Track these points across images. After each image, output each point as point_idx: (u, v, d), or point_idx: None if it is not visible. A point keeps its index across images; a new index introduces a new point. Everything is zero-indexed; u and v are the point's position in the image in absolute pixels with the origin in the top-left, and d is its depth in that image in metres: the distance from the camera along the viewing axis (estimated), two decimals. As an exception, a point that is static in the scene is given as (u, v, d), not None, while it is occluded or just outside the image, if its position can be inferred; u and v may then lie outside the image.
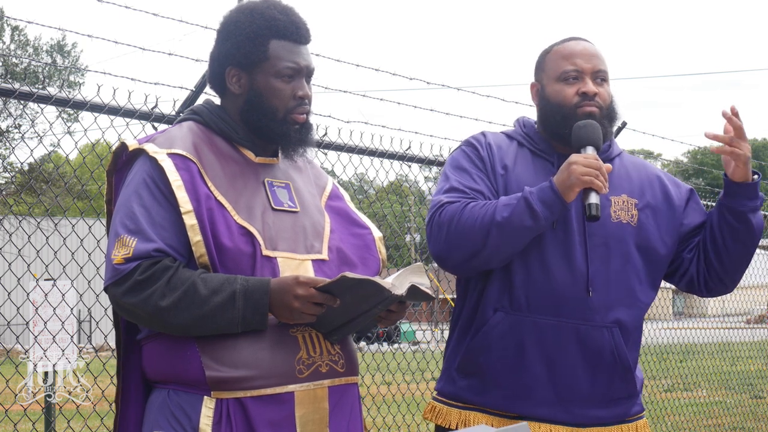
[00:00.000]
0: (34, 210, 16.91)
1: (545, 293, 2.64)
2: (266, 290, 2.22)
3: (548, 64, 2.79)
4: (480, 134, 2.84)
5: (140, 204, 2.26)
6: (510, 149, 2.78)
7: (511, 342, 2.66)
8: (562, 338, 2.65)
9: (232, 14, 2.44)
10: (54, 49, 32.30)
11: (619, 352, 2.68)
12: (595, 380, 2.68)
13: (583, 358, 2.66)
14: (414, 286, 2.25)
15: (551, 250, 2.65)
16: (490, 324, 2.67)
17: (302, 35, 2.43)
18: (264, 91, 2.39)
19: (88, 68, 28.71)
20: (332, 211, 2.53)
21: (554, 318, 2.65)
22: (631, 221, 2.73)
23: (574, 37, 2.83)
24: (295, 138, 2.42)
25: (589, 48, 2.78)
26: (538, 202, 2.57)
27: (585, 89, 2.70)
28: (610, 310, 2.67)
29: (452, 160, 2.78)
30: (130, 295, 2.21)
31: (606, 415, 2.72)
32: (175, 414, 2.25)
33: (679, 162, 59.90)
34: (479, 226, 2.58)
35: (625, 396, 2.75)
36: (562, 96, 2.72)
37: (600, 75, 2.74)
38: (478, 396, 2.72)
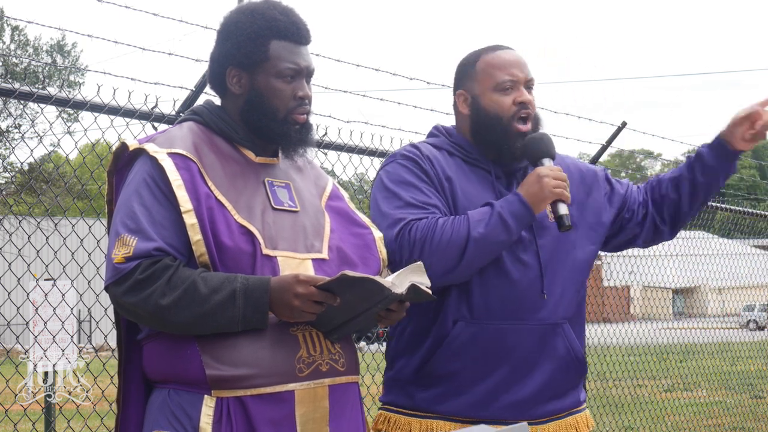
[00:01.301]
0: (34, 210, 16.91)
1: (504, 299, 2.70)
2: (266, 289, 2.22)
3: (480, 74, 2.79)
4: (412, 147, 2.82)
5: (140, 203, 2.26)
6: (444, 160, 2.78)
7: (475, 350, 2.70)
8: (523, 341, 2.70)
9: (232, 15, 2.45)
10: (54, 49, 32.31)
11: (572, 345, 2.77)
12: (554, 377, 2.75)
13: (543, 357, 2.73)
14: (414, 285, 2.25)
15: (505, 257, 2.70)
16: (453, 335, 2.70)
17: (303, 36, 2.43)
18: (265, 91, 2.39)
19: (88, 68, 28.72)
20: (332, 211, 2.53)
21: (514, 322, 2.70)
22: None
23: (500, 46, 2.85)
24: (296, 138, 2.43)
25: (520, 57, 2.82)
26: (510, 216, 2.61)
27: (521, 99, 2.74)
28: (561, 307, 2.75)
29: (392, 175, 2.75)
30: (131, 294, 2.21)
31: (562, 407, 2.80)
32: (175, 413, 2.25)
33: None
34: (456, 243, 2.59)
35: (575, 385, 2.85)
36: (500, 106, 2.74)
37: (531, 83, 2.80)
38: (441, 405, 2.74)
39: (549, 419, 2.77)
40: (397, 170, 2.74)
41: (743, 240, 13.62)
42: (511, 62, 2.77)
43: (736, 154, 2.83)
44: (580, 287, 2.84)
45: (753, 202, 33.11)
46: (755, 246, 15.29)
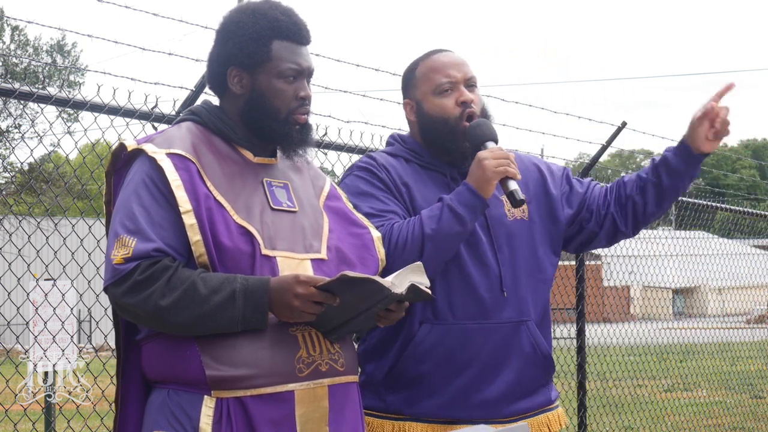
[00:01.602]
0: (34, 210, 16.91)
1: (466, 299, 2.72)
2: (266, 289, 2.22)
3: (420, 80, 2.83)
4: (367, 157, 2.86)
5: (139, 204, 2.26)
6: (401, 167, 2.82)
7: (442, 351, 2.72)
8: (489, 340, 2.73)
9: (233, 14, 2.45)
10: (54, 49, 32.31)
11: (537, 342, 2.80)
12: (521, 375, 2.77)
13: (510, 355, 2.75)
14: (414, 285, 2.25)
15: (465, 257, 2.73)
16: (419, 337, 2.73)
17: (304, 36, 2.44)
18: (266, 91, 2.39)
19: (88, 68, 28.72)
20: (330, 211, 2.53)
21: (479, 322, 2.73)
22: (524, 216, 2.83)
23: (437, 50, 2.87)
24: (297, 138, 2.43)
25: (456, 58, 2.83)
26: (460, 206, 2.63)
27: (463, 98, 2.75)
28: (523, 304, 2.78)
29: (350, 188, 2.78)
30: (130, 295, 2.21)
31: (531, 405, 2.82)
32: (175, 413, 2.25)
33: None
34: (411, 243, 2.62)
35: (545, 382, 2.87)
36: (443, 109, 2.77)
37: (471, 81, 2.80)
38: (412, 407, 2.76)
39: (520, 417, 2.80)
40: (355, 182, 2.79)
41: (743, 240, 13.62)
42: (448, 64, 2.80)
43: (700, 157, 2.82)
44: (541, 285, 2.85)
45: (753, 202, 33.13)
46: (755, 246, 15.30)
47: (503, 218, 2.79)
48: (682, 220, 8.96)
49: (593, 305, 7.79)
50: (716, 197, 23.63)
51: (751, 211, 9.37)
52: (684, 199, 7.97)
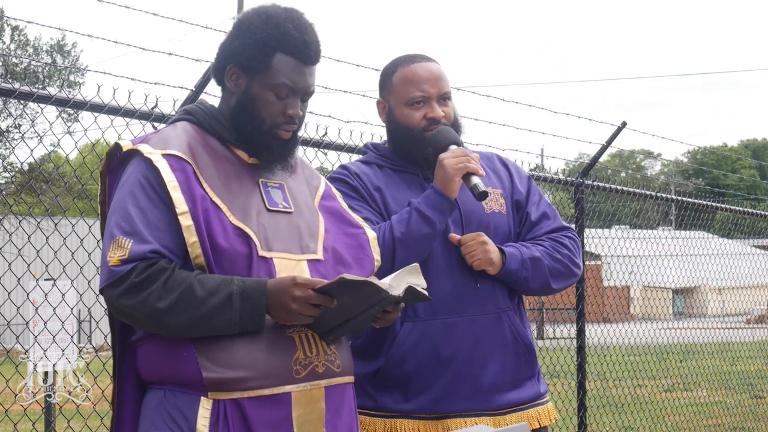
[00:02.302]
0: (34, 210, 16.91)
1: (442, 294, 2.79)
2: (263, 291, 2.21)
3: (395, 86, 2.92)
4: (341, 168, 2.98)
5: (135, 205, 2.25)
6: (373, 173, 2.93)
7: (425, 348, 2.79)
8: (469, 332, 2.80)
9: (249, 13, 2.43)
10: (54, 49, 32.29)
11: (518, 330, 2.87)
12: (505, 364, 2.85)
13: (490, 346, 2.82)
14: (411, 287, 2.26)
15: (437, 254, 2.81)
16: (402, 336, 2.79)
17: (310, 56, 2.40)
18: (256, 99, 2.38)
19: (88, 68, 28.70)
20: (326, 211, 2.53)
21: (457, 315, 2.80)
22: (502, 209, 2.93)
23: (417, 57, 2.93)
24: (277, 152, 2.42)
25: (434, 70, 2.90)
26: (428, 208, 2.73)
27: (432, 114, 2.86)
28: (500, 294, 2.86)
29: None
30: (127, 297, 2.20)
31: (520, 398, 2.88)
32: (171, 415, 2.25)
33: (679, 162, 59.87)
34: (383, 247, 2.70)
35: (531, 374, 2.92)
36: (410, 120, 2.87)
37: (444, 96, 2.89)
38: (403, 405, 2.81)
39: (510, 410, 2.85)
40: None
41: (743, 240, 13.63)
42: (423, 78, 2.87)
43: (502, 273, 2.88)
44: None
45: (753, 202, 33.11)
46: (755, 246, 15.30)
47: (480, 211, 2.88)
48: (682, 220, 8.96)
49: (593, 305, 7.78)
50: (716, 197, 23.64)
51: (751, 211, 9.37)
52: (684, 199, 7.97)
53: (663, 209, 7.83)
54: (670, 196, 7.66)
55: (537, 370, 2.97)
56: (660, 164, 70.04)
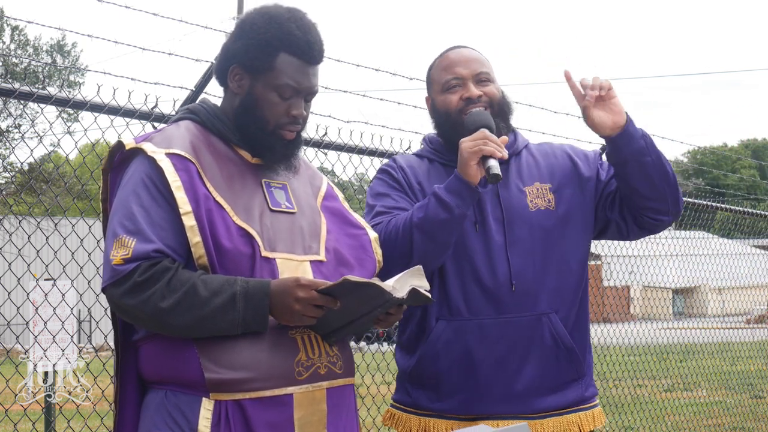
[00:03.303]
0: (34, 210, 16.90)
1: (477, 295, 2.74)
2: (267, 292, 2.21)
3: (433, 78, 2.91)
4: (391, 160, 2.96)
5: (139, 204, 2.25)
6: (421, 167, 2.90)
7: (458, 347, 2.74)
8: (504, 334, 2.73)
9: (252, 14, 2.42)
10: (54, 49, 32.28)
11: (558, 333, 2.76)
12: (543, 368, 2.75)
13: (527, 348, 2.74)
14: (414, 289, 2.25)
15: (476, 253, 2.75)
16: (435, 334, 2.77)
17: (314, 56, 2.40)
18: (260, 100, 2.38)
19: (88, 68, 28.68)
20: (328, 212, 2.53)
21: (492, 317, 2.73)
22: (549, 206, 2.81)
23: (453, 47, 2.93)
24: (280, 153, 2.42)
25: (467, 54, 2.87)
26: (446, 193, 2.66)
27: (467, 94, 2.81)
28: (541, 296, 2.75)
29: (371, 190, 2.91)
30: (130, 297, 2.20)
31: (561, 402, 2.79)
32: (173, 415, 2.24)
33: (679, 162, 59.83)
34: (401, 233, 2.68)
35: (575, 377, 2.82)
36: (447, 105, 2.83)
37: (482, 77, 2.83)
38: (435, 403, 2.79)
39: (547, 414, 2.77)
40: (375, 185, 2.91)
41: (743, 240, 13.61)
42: (456, 61, 2.85)
43: (609, 139, 2.76)
44: (567, 276, 2.80)
45: (753, 202, 33.10)
46: (755, 246, 15.29)
47: (524, 209, 2.78)
48: (682, 220, 8.95)
49: (593, 305, 7.78)
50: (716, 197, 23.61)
51: (751, 211, 9.37)
52: (684, 199, 7.98)
53: (663, 209, 7.82)
54: (670, 196, 7.64)
55: (583, 373, 2.84)
56: (660, 164, 69.83)
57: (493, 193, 2.80)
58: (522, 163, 2.89)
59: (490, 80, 2.84)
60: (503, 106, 2.84)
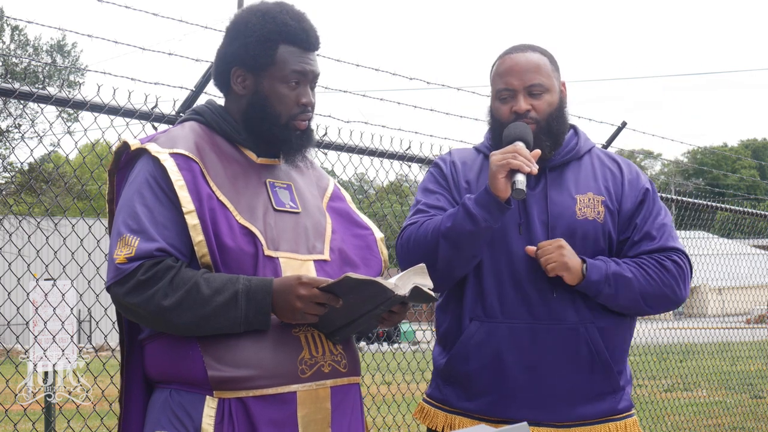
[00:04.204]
0: (34, 210, 16.90)
1: (514, 298, 2.70)
2: (269, 290, 2.21)
3: (491, 80, 2.87)
4: (447, 153, 2.94)
5: (143, 203, 2.26)
6: (476, 163, 2.86)
7: (489, 349, 2.72)
8: (537, 340, 2.69)
9: (243, 14, 2.44)
10: (54, 49, 32.28)
11: (596, 346, 2.71)
12: (576, 377, 2.71)
13: (560, 357, 2.69)
14: (417, 287, 2.25)
15: (517, 256, 2.71)
16: (467, 333, 2.74)
17: (311, 42, 2.43)
18: (269, 95, 2.39)
19: (88, 68, 28.67)
20: (334, 212, 2.53)
21: (527, 321, 2.70)
22: (598, 218, 2.76)
23: (513, 49, 2.85)
24: (297, 144, 2.43)
25: (523, 61, 2.78)
26: (474, 205, 2.64)
27: (516, 108, 2.75)
28: (580, 306, 2.70)
29: (422, 183, 2.89)
30: (133, 295, 2.20)
31: (591, 412, 2.73)
32: (177, 414, 2.25)
33: (679, 162, 59.86)
34: (429, 240, 2.67)
35: (609, 391, 2.76)
36: (500, 114, 2.79)
37: (534, 89, 2.76)
38: (463, 402, 2.78)
39: (577, 424, 2.72)
40: (425, 178, 2.89)
41: (743, 240, 13.62)
42: (509, 70, 2.78)
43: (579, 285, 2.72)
44: None
45: (753, 202, 33.11)
46: (755, 246, 15.28)
47: (571, 216, 2.74)
48: (682, 220, 8.95)
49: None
50: (716, 197, 23.62)
51: (751, 211, 9.37)
52: (684, 199, 7.98)
53: (663, 209, 7.84)
54: (670, 196, 7.66)
55: (619, 386, 2.77)
56: (660, 164, 70.05)
57: (542, 196, 2.75)
58: (581, 169, 2.83)
59: (545, 91, 2.76)
60: (551, 121, 2.76)
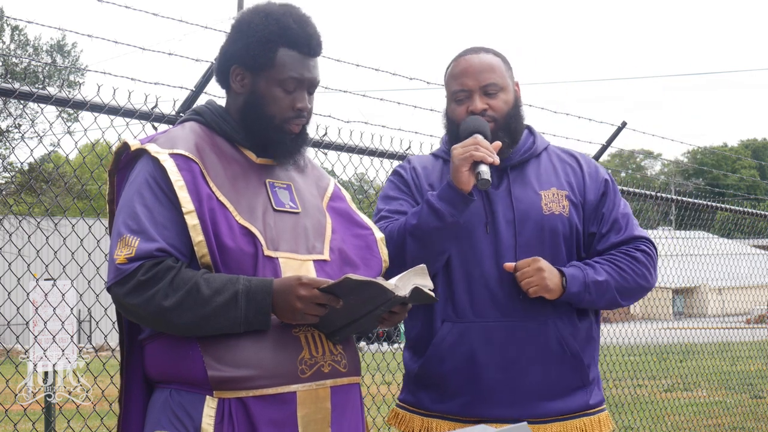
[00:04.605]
0: (34, 210, 16.90)
1: (484, 297, 2.72)
2: (269, 291, 2.21)
3: (446, 82, 2.89)
4: (406, 161, 2.96)
5: (143, 204, 2.26)
6: (436, 168, 2.89)
7: (463, 350, 2.73)
8: (509, 338, 2.71)
9: (247, 14, 2.44)
10: (54, 49, 32.28)
11: (565, 341, 2.75)
12: (547, 373, 2.74)
13: (532, 353, 2.72)
14: (417, 288, 2.25)
15: (485, 255, 2.73)
16: (440, 335, 2.76)
17: (312, 48, 2.42)
18: (264, 96, 2.39)
19: (88, 68, 28.66)
20: (334, 212, 2.53)
21: (498, 320, 2.72)
22: (563, 212, 2.80)
23: (466, 51, 2.88)
24: (289, 147, 2.43)
25: (476, 63, 2.81)
26: (438, 200, 2.65)
27: (472, 108, 2.77)
28: (546, 301, 2.73)
29: (382, 192, 2.89)
30: (133, 295, 2.21)
31: (565, 407, 2.77)
32: (177, 414, 2.25)
33: (679, 162, 59.86)
34: (395, 239, 2.68)
35: (580, 384, 2.80)
36: (455, 115, 2.82)
37: (490, 88, 2.78)
38: (438, 404, 2.79)
39: (552, 419, 2.75)
40: (386, 187, 2.90)
41: (743, 240, 13.62)
42: (463, 71, 2.81)
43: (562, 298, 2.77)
44: None
45: (753, 202, 33.10)
46: (755, 246, 15.30)
47: (538, 212, 2.77)
48: (682, 220, 8.95)
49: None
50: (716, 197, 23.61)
51: (751, 211, 9.37)
52: (684, 199, 7.98)
53: (663, 209, 7.83)
54: (670, 196, 7.66)
55: (590, 379, 2.82)
56: (660, 164, 70.05)
57: (506, 194, 2.77)
58: (541, 166, 2.86)
59: (500, 90, 2.79)
60: (509, 119, 2.79)
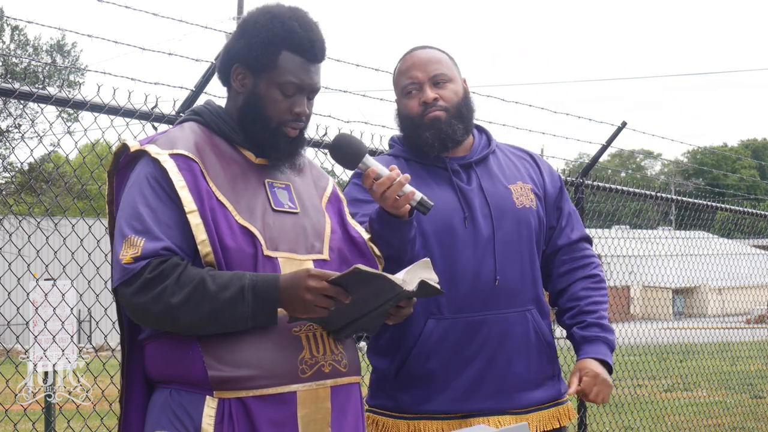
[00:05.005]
0: (34, 210, 16.90)
1: (465, 292, 2.75)
2: (276, 285, 2.21)
3: (395, 82, 2.92)
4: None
5: (145, 204, 2.26)
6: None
7: (448, 345, 2.76)
8: (492, 331, 2.76)
9: (254, 13, 2.44)
10: (54, 48, 32.28)
11: (541, 330, 2.85)
12: (529, 363, 2.81)
13: (514, 344, 2.79)
14: (424, 281, 2.25)
15: (465, 249, 2.77)
16: (425, 333, 2.76)
17: (316, 54, 2.41)
18: (263, 98, 2.39)
19: (88, 68, 28.66)
20: (332, 212, 2.54)
21: (480, 313, 2.76)
22: (532, 205, 2.88)
23: (412, 49, 2.93)
24: (285, 150, 2.43)
25: (423, 57, 2.86)
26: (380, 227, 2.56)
27: (423, 98, 2.81)
28: (524, 292, 2.82)
29: (347, 196, 2.77)
30: (141, 294, 2.20)
31: (543, 396, 2.85)
32: (177, 414, 2.25)
33: (679, 162, 59.86)
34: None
35: (552, 374, 2.90)
36: (408, 110, 2.85)
37: (438, 78, 2.83)
38: (425, 405, 2.78)
39: (533, 409, 2.82)
40: (350, 190, 2.87)
41: (743, 240, 13.63)
42: (412, 65, 2.86)
43: None
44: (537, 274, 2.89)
45: (753, 202, 33.09)
46: (755, 246, 15.30)
47: (512, 207, 2.84)
48: (682, 220, 8.95)
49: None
50: (716, 197, 23.62)
51: (751, 211, 9.37)
52: (684, 199, 7.98)
53: (663, 209, 7.86)
54: (670, 196, 7.67)
55: (558, 369, 2.95)
56: (660, 164, 70.03)
57: (479, 189, 2.83)
58: (501, 161, 2.93)
59: (449, 81, 2.83)
60: (461, 109, 2.83)
